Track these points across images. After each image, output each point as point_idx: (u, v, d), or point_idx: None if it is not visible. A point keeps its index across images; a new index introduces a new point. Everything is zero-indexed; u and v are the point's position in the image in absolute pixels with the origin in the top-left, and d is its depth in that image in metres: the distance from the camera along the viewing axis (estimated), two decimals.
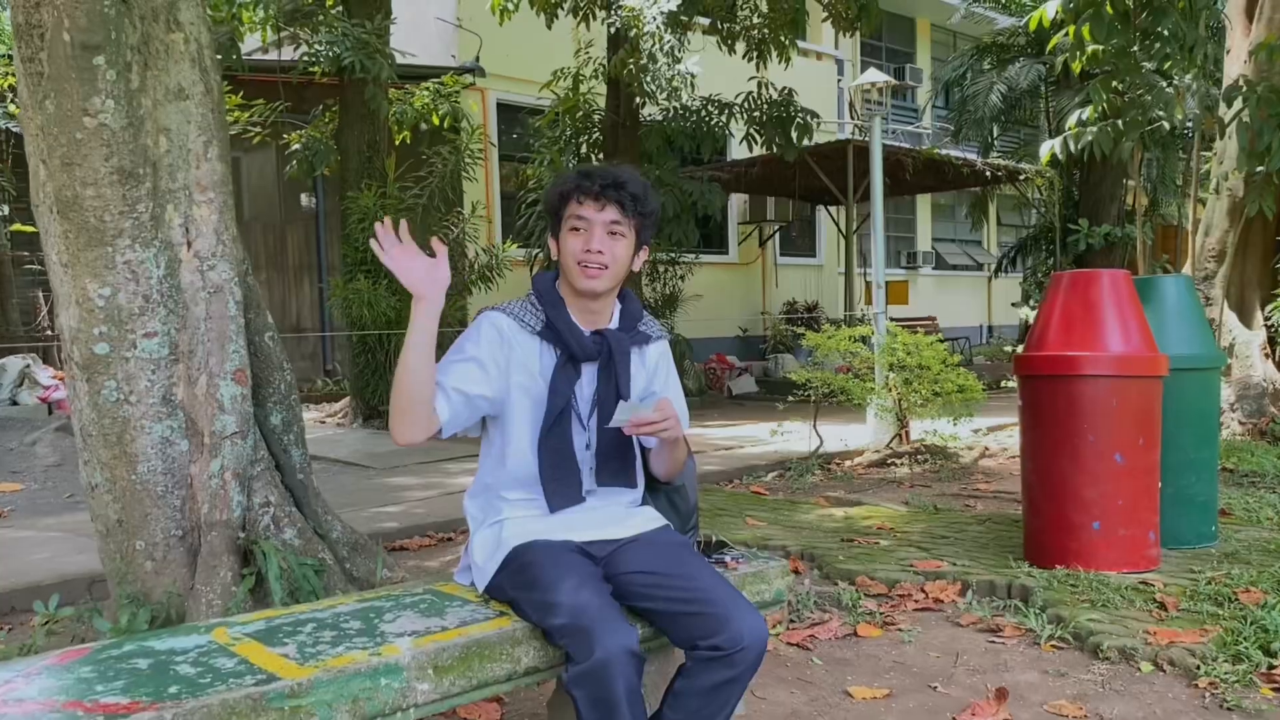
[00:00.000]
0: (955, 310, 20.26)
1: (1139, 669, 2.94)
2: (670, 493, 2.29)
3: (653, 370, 2.28)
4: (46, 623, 3.07)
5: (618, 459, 2.16)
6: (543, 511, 2.10)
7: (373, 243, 2.03)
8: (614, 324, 2.23)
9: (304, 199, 12.89)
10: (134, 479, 2.88)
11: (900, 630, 3.35)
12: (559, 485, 2.09)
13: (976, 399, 6.36)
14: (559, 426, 2.09)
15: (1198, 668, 2.88)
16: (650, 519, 2.18)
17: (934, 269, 20.70)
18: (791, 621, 3.46)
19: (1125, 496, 3.78)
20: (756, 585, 2.27)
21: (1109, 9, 7.46)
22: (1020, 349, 8.48)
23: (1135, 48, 7.55)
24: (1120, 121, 7.59)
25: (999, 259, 18.87)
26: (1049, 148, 7.94)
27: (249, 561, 2.92)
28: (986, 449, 7.18)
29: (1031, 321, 7.88)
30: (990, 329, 22.05)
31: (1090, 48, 7.61)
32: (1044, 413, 3.90)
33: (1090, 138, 7.65)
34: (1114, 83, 7.68)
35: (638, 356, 2.25)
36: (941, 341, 6.55)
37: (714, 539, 2.39)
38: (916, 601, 3.63)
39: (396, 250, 2.00)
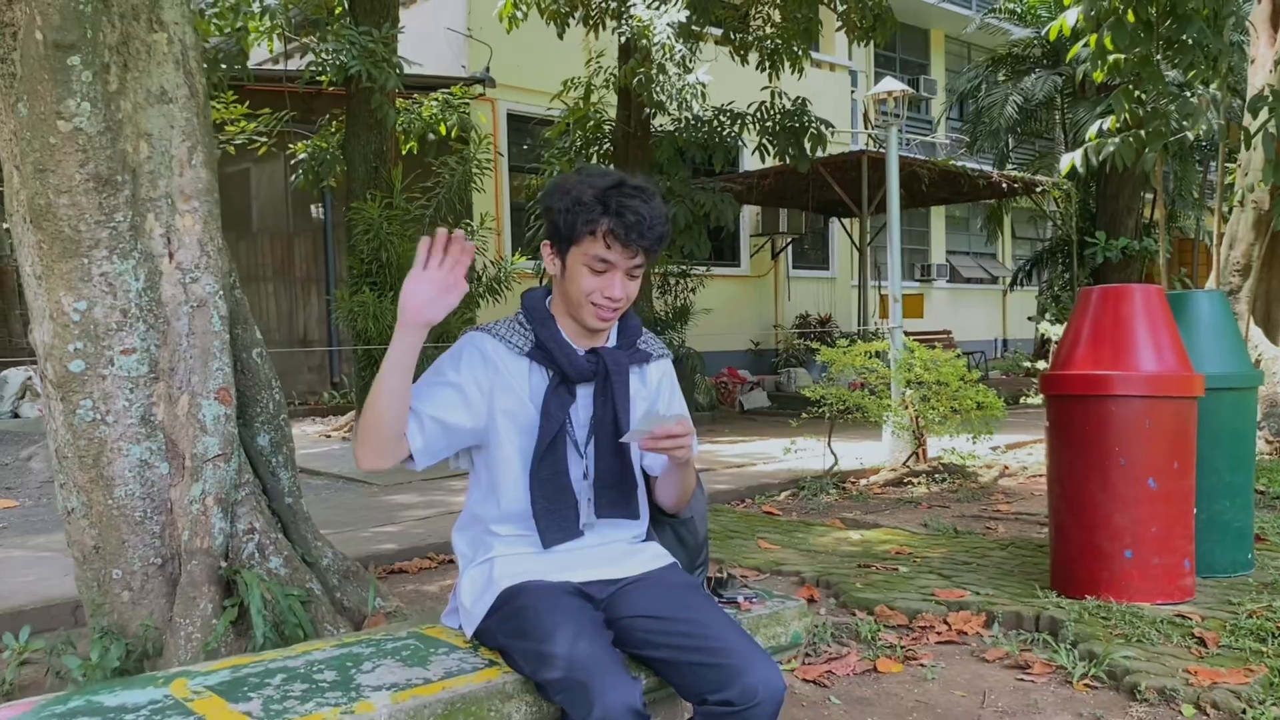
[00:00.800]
0: (970, 324, 20.06)
1: (1180, 712, 2.75)
2: (677, 526, 2.10)
3: (654, 391, 2.09)
4: (21, 654, 2.91)
5: (618, 488, 1.98)
6: (536, 548, 1.93)
7: (424, 244, 1.82)
8: (611, 342, 2.05)
9: (314, 210, 12.77)
10: (110, 504, 2.72)
11: (922, 666, 3.16)
12: (554, 519, 1.91)
13: (996, 416, 6.17)
14: (552, 454, 1.91)
15: (1244, 711, 2.68)
16: (655, 556, 1.99)
17: (948, 282, 20.50)
18: (807, 655, 3.28)
19: (1159, 523, 3.59)
20: (772, 628, 2.09)
21: (1131, 17, 7.29)
22: (1041, 364, 8.34)
23: (1158, 57, 7.37)
24: (1143, 132, 7.40)
25: (1015, 272, 18.69)
26: (1070, 159, 7.75)
27: (232, 592, 2.75)
28: (1006, 468, 6.98)
29: (1050, 335, 7.69)
30: (1005, 343, 21.83)
31: (1112, 57, 7.44)
32: (1073, 434, 3.71)
33: (1112, 149, 7.47)
34: (1136, 92, 7.50)
35: (637, 377, 2.06)
36: (960, 356, 6.36)
37: (726, 575, 2.21)
38: (939, 634, 3.44)
39: (436, 268, 1.81)
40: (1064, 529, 3.78)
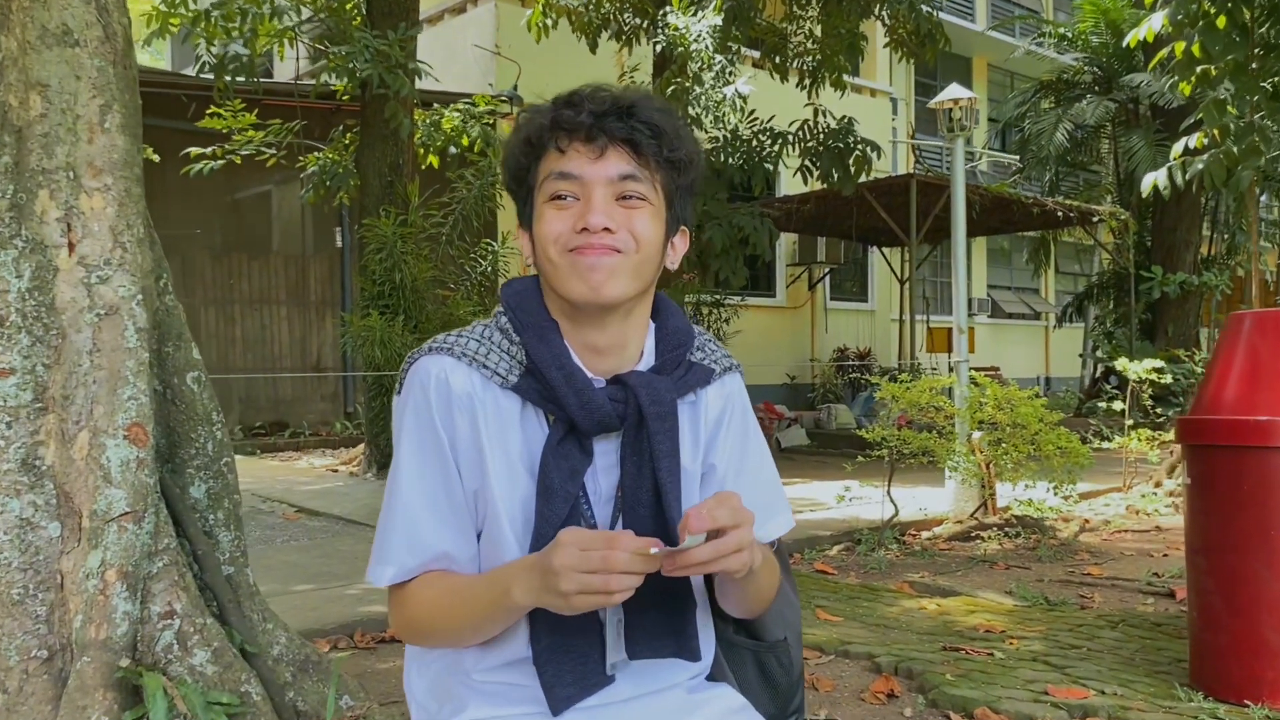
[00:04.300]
0: (1012, 361, 19.24)
1: None
2: (762, 653, 1.35)
3: (712, 431, 1.32)
4: None
5: (662, 608, 1.23)
6: (538, 708, 1.20)
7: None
8: (646, 361, 1.30)
9: (337, 235, 12.23)
10: None
11: None
12: (566, 663, 1.19)
13: (1081, 464, 5.40)
14: None
15: None
16: (728, 712, 1.25)
17: (990, 317, 19.71)
18: None
19: None
20: None
21: (1222, 22, 6.58)
22: (1117, 404, 7.58)
23: (1254, 65, 6.65)
24: (1236, 148, 6.65)
25: (1064, 307, 17.91)
26: (1152, 179, 7.02)
27: (140, 698, 2.05)
28: (1087, 521, 6.20)
29: (1128, 373, 6.93)
30: (1049, 381, 20.98)
31: (1200, 68, 6.73)
32: (1223, 495, 2.96)
33: (1200, 167, 6.74)
34: (1229, 106, 6.76)
35: (689, 412, 1.30)
36: (1038, 395, 5.60)
37: None
38: None
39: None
40: (1211, 613, 3.02)
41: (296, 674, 2.39)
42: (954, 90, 6.37)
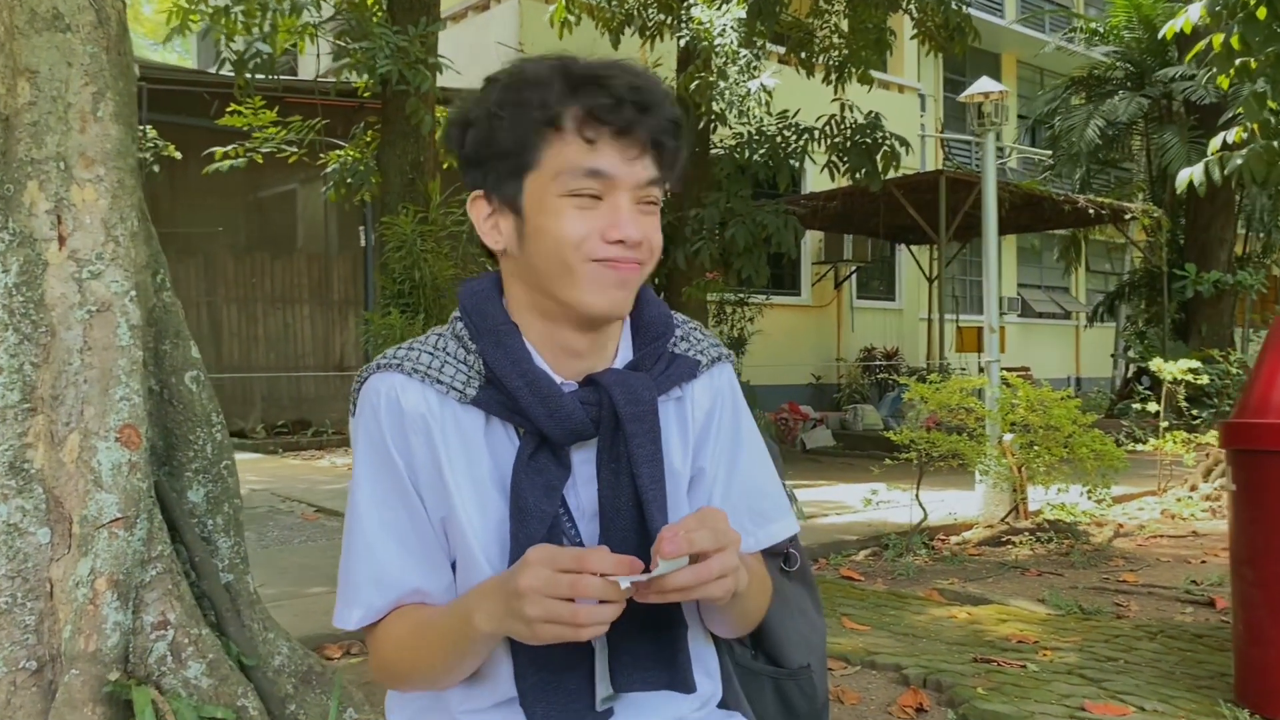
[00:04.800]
0: (1042, 360, 18.99)
1: None
2: (781, 680, 1.23)
3: (700, 430, 1.19)
4: None
5: (649, 635, 1.10)
6: None
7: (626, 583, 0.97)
8: (622, 357, 1.17)
9: (361, 234, 12.20)
10: None
11: None
12: (555, 696, 1.07)
13: (1117, 468, 5.24)
14: None
15: None
16: None
17: (1019, 316, 19.45)
18: None
19: None
20: None
21: (1262, 13, 6.39)
22: (1153, 406, 7.41)
23: None
24: (1276, 143, 6.47)
25: (1095, 306, 17.64)
26: (1187, 176, 6.84)
27: (132, 711, 1.97)
28: (1121, 526, 6.03)
29: (1163, 375, 6.75)
30: (1079, 381, 20.69)
31: (1239, 60, 6.54)
32: (1273, 502, 2.82)
33: (1240, 162, 6.55)
34: (1269, 99, 6.57)
35: (675, 413, 1.18)
36: (1071, 396, 5.45)
37: None
38: None
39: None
40: (1258, 627, 2.87)
41: (298, 686, 2.30)
42: (984, 83, 6.22)
